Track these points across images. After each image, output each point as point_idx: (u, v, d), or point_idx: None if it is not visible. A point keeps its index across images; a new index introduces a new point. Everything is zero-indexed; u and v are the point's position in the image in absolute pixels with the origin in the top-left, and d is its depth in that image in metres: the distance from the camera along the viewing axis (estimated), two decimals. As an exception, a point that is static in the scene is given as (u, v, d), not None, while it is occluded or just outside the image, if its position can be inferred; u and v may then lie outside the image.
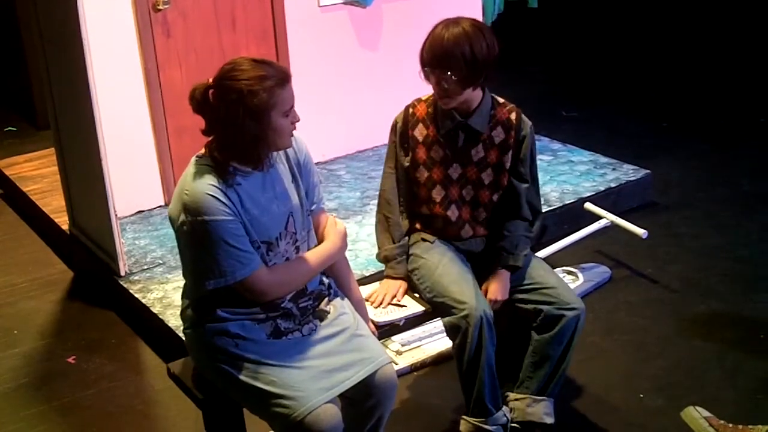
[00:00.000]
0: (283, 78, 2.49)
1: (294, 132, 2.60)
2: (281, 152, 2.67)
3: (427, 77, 2.98)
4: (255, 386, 2.54)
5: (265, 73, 2.45)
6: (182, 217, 2.48)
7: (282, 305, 2.64)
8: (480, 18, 5.31)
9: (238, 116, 2.43)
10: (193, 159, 2.58)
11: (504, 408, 3.09)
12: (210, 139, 2.57)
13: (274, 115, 2.47)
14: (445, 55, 2.89)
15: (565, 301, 3.03)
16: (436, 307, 3.06)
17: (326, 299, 2.76)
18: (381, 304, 3.14)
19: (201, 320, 2.63)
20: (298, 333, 2.65)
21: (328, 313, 2.73)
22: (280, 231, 2.62)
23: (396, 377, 2.73)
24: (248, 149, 2.50)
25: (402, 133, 3.12)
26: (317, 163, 2.83)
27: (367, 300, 3.12)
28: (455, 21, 2.93)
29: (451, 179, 3.10)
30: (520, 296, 3.11)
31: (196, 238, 2.49)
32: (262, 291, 2.58)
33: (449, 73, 2.90)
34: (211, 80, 2.50)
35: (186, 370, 2.81)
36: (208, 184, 2.48)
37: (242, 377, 2.56)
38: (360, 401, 2.69)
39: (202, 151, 2.58)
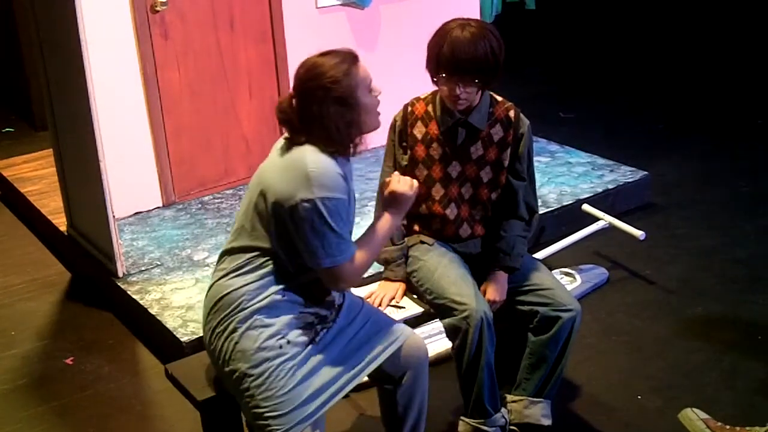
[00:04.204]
0: (353, 57, 2.56)
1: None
2: None
3: (442, 83, 2.94)
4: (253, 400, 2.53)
5: (337, 60, 2.52)
6: (311, 194, 2.45)
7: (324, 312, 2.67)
8: (478, 19, 5.31)
9: (330, 109, 2.49)
10: (285, 143, 2.56)
11: (502, 410, 3.09)
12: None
13: (360, 95, 2.53)
14: (472, 61, 2.85)
15: (561, 303, 3.03)
16: (436, 309, 3.06)
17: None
18: (380, 305, 3.14)
19: (254, 308, 2.56)
20: (324, 330, 2.68)
21: (341, 305, 2.75)
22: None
23: (425, 344, 2.82)
24: (345, 137, 2.53)
25: (401, 132, 3.11)
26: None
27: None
28: (467, 23, 2.89)
29: (451, 177, 3.09)
30: (517, 298, 3.10)
31: (326, 214, 2.47)
32: (348, 278, 2.60)
33: (476, 79, 2.89)
34: (291, 91, 2.55)
35: (184, 371, 2.81)
36: (333, 163, 2.51)
37: (246, 390, 2.53)
38: (397, 379, 2.76)
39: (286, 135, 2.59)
